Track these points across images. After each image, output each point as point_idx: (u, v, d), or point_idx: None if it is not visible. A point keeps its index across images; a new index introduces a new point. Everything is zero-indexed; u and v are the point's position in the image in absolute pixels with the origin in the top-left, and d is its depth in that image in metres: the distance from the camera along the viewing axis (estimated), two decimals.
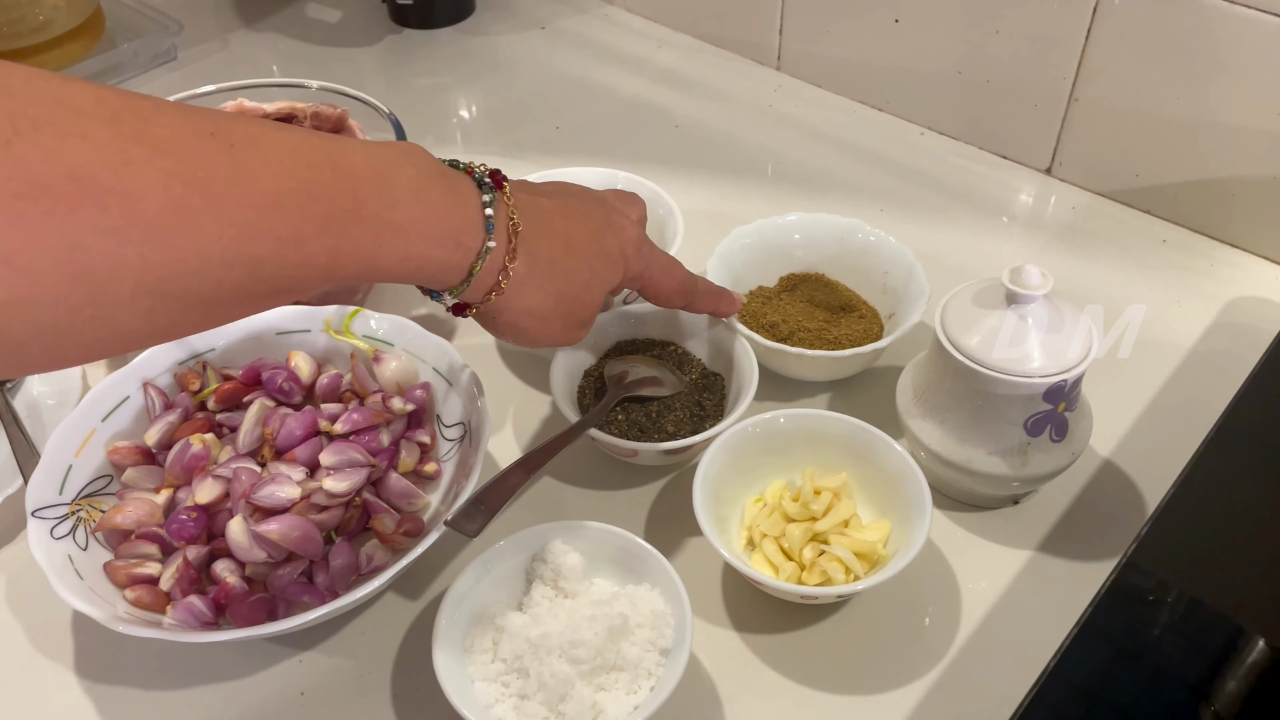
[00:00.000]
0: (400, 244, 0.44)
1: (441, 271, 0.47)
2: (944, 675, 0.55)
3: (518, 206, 0.49)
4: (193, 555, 0.55)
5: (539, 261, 0.50)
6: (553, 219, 0.51)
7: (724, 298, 0.64)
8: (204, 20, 1.09)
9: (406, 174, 0.44)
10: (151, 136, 0.35)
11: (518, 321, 0.52)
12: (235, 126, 0.38)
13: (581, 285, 0.53)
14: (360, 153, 0.43)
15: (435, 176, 0.46)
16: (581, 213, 0.53)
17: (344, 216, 0.41)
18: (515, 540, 0.55)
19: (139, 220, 0.34)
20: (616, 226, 0.55)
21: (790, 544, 0.57)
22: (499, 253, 0.48)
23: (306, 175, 0.40)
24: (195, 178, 0.36)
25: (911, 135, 0.92)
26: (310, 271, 0.41)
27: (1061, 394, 0.57)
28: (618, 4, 1.10)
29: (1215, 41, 0.73)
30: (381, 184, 0.43)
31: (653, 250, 0.58)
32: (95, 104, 0.34)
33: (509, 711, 0.50)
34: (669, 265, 0.59)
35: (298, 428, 0.59)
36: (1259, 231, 0.78)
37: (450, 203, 0.46)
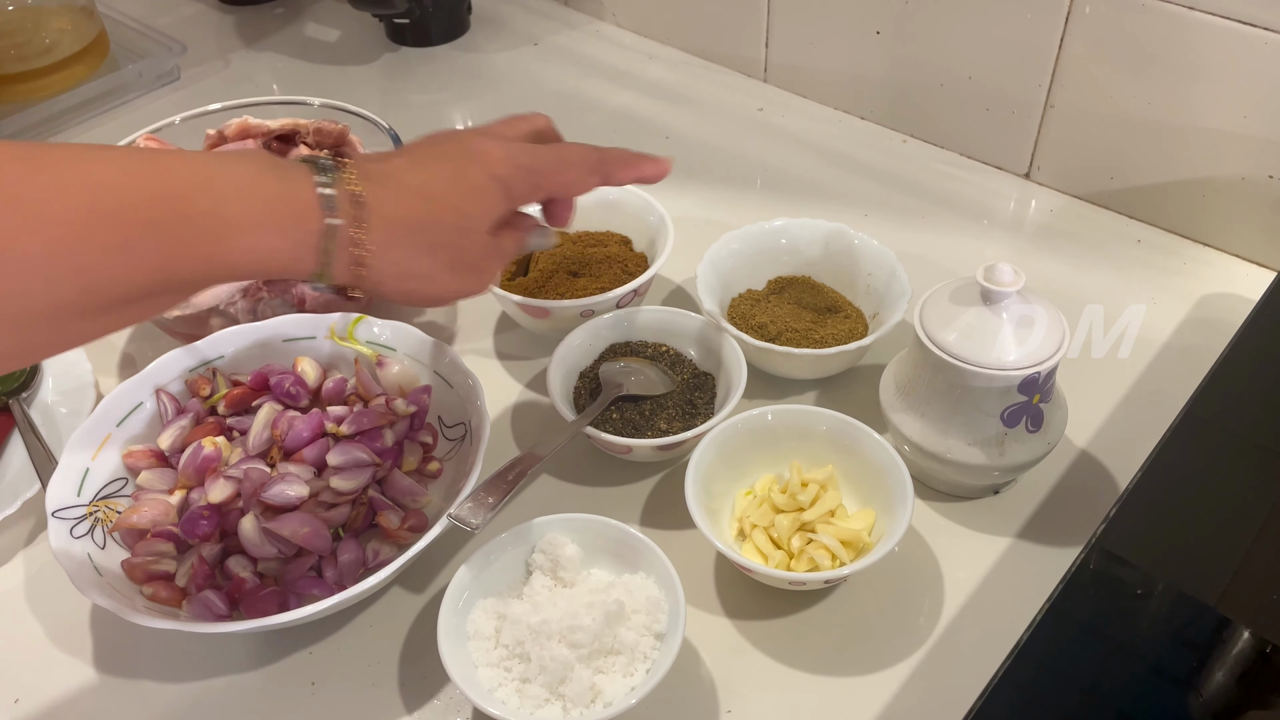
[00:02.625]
0: (239, 239, 0.44)
1: (293, 260, 0.46)
2: (927, 657, 0.57)
3: (362, 176, 0.48)
4: (207, 552, 0.57)
5: (396, 223, 0.49)
6: (403, 176, 0.50)
7: (645, 160, 0.60)
8: (206, 41, 1.12)
9: (235, 171, 0.45)
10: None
11: (402, 286, 0.50)
12: (51, 152, 0.40)
13: (453, 229, 0.51)
14: (186, 159, 0.44)
15: (266, 170, 0.46)
16: (433, 157, 0.52)
17: (171, 219, 0.42)
18: (515, 533, 0.57)
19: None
20: (478, 154, 0.52)
21: (779, 533, 0.60)
22: (346, 227, 0.47)
23: (126, 183, 0.41)
24: (5, 199, 0.37)
25: (894, 143, 0.95)
26: (145, 277, 0.41)
27: (1036, 386, 0.59)
28: (608, 20, 1.13)
29: (1184, 48, 0.75)
30: (208, 184, 0.43)
31: (533, 154, 0.54)
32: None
33: (511, 695, 0.52)
34: (559, 156, 0.55)
35: (305, 429, 0.61)
36: (1229, 230, 0.81)
37: (284, 189, 0.46)
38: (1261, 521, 0.56)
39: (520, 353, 0.76)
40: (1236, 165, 0.77)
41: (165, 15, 1.16)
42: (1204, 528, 0.56)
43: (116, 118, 1.01)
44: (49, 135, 0.99)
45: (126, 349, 0.77)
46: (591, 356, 0.70)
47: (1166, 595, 0.54)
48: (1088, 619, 0.52)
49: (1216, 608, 0.52)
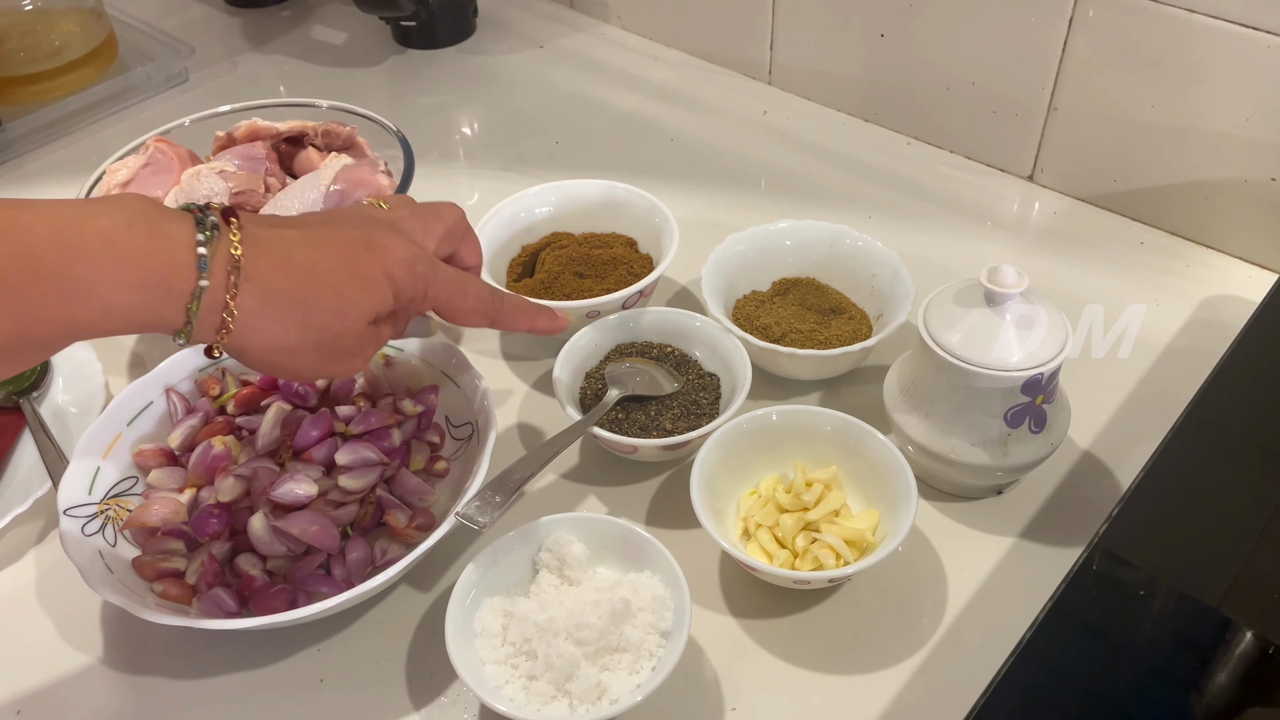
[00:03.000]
0: (92, 298, 0.43)
1: (155, 318, 0.45)
2: (930, 655, 0.58)
3: (247, 240, 0.47)
4: (216, 550, 0.58)
5: (270, 294, 0.47)
6: (293, 249, 0.49)
7: (541, 313, 0.61)
8: (213, 43, 1.13)
9: (98, 225, 0.43)
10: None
11: (265, 357, 0.49)
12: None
13: (330, 314, 0.49)
14: (43, 212, 0.43)
15: (137, 223, 0.44)
16: (331, 238, 0.50)
17: (18, 279, 0.41)
18: (522, 532, 0.58)
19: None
20: (379, 248, 0.51)
21: (783, 533, 0.60)
22: (217, 290, 0.46)
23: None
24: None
25: (898, 145, 0.95)
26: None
27: (1039, 387, 0.60)
28: (614, 23, 1.13)
29: (1186, 51, 0.76)
30: (61, 240, 0.42)
31: (435, 269, 0.53)
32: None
33: (518, 691, 0.53)
34: (460, 283, 0.55)
35: (314, 429, 0.62)
36: (1232, 232, 0.81)
37: (152, 246, 0.44)
38: (1264, 523, 0.57)
39: (526, 353, 0.76)
40: (1238, 168, 0.78)
41: (173, 17, 1.17)
42: (1206, 528, 0.56)
43: (125, 119, 1.02)
44: (59, 136, 0.99)
45: (136, 349, 0.78)
46: (598, 357, 0.70)
47: (1168, 596, 0.54)
48: (1089, 619, 0.53)
49: (1219, 608, 0.52)
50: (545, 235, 0.80)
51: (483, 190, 0.94)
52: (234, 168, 0.72)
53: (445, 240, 0.57)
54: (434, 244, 0.55)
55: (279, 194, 0.71)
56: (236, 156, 0.73)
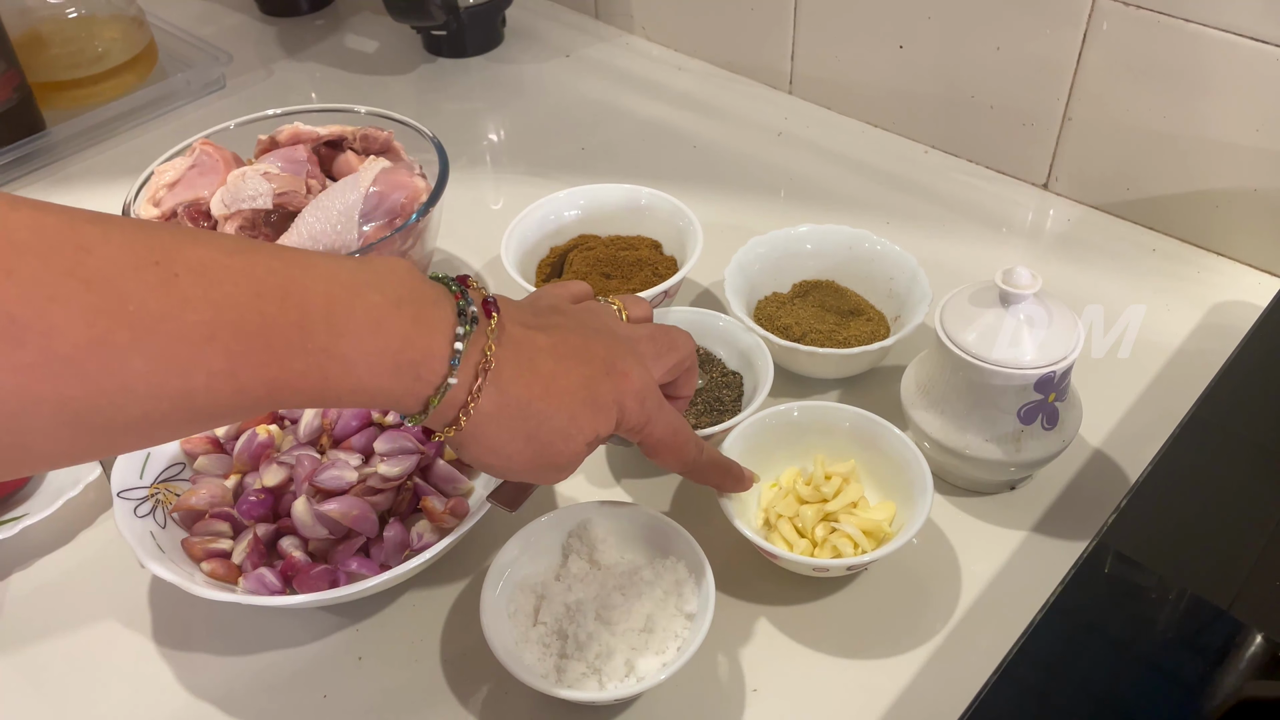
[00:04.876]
0: (348, 377, 0.42)
1: (397, 401, 0.45)
2: (944, 643, 0.60)
3: (502, 340, 0.46)
4: (261, 532, 0.61)
5: (509, 402, 0.47)
6: (539, 359, 0.48)
7: (732, 473, 0.60)
8: (249, 51, 1.16)
9: (370, 301, 0.42)
10: (85, 270, 0.34)
11: (482, 457, 0.49)
12: (186, 253, 0.37)
13: (557, 433, 0.48)
14: (323, 278, 0.41)
15: (405, 304, 0.43)
16: (578, 354, 0.49)
17: (286, 349, 0.39)
18: (553, 517, 0.60)
19: (56, 357, 0.34)
20: (618, 374, 0.50)
21: (803, 523, 0.63)
22: (461, 390, 0.45)
23: (251, 305, 0.38)
24: (124, 312, 0.35)
25: (916, 153, 0.98)
26: (246, 402, 0.39)
27: (1051, 384, 0.62)
28: (638, 33, 1.16)
29: (1198, 63, 0.78)
30: (335, 314, 0.41)
31: (660, 407, 0.53)
32: (32, 235, 0.34)
33: (550, 669, 0.55)
34: (675, 428, 0.54)
35: (353, 419, 0.65)
36: (1242, 240, 0.83)
37: (414, 333, 0.43)
38: (1267, 522, 0.58)
39: None
40: (1249, 177, 0.80)
41: (210, 25, 1.20)
42: (1207, 527, 0.58)
43: (165, 124, 1.05)
44: (101, 140, 1.03)
45: None
46: None
47: (1170, 593, 0.56)
48: (1089, 617, 0.54)
49: (1222, 606, 0.54)
50: (573, 237, 0.83)
51: (509, 195, 0.97)
52: (277, 169, 0.75)
53: (672, 371, 0.55)
54: (661, 373, 0.54)
55: (320, 195, 0.74)
56: (279, 159, 0.76)
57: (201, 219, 0.74)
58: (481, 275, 0.87)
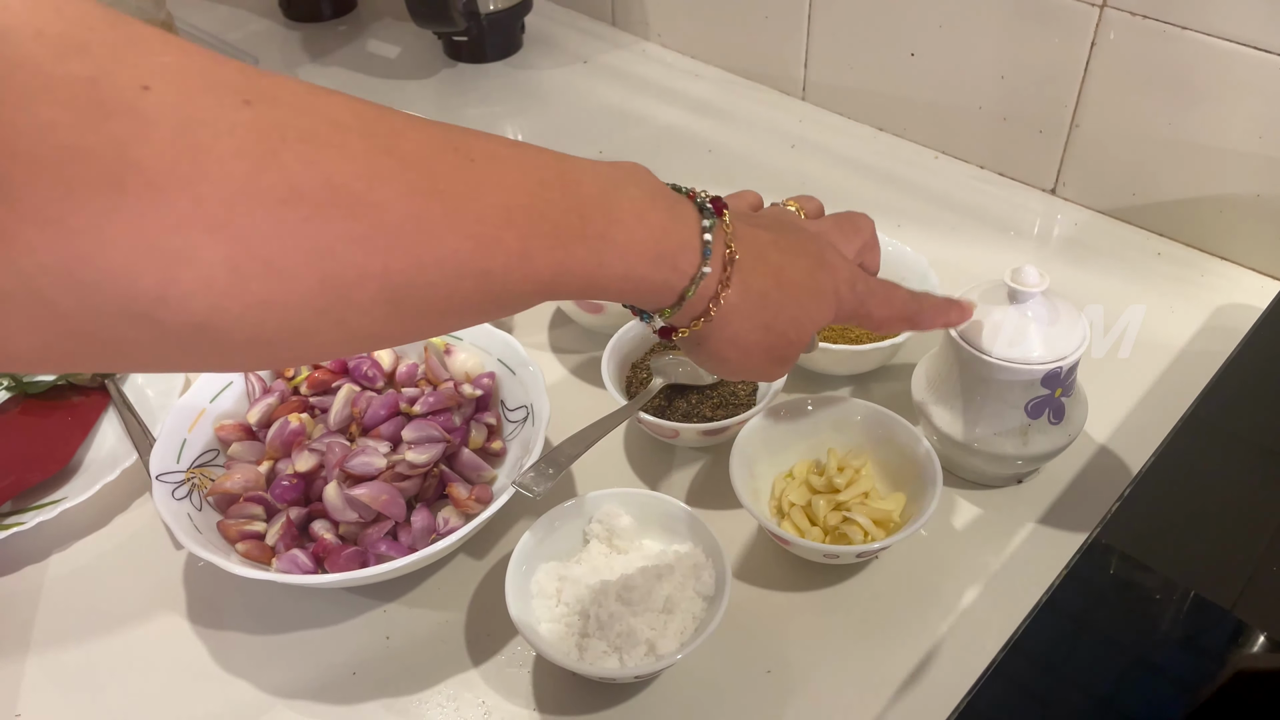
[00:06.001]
0: (620, 263, 0.44)
1: (656, 292, 0.46)
2: (950, 631, 0.62)
3: (735, 235, 0.48)
4: (294, 515, 0.63)
5: (751, 292, 0.49)
6: (768, 251, 0.50)
7: (953, 308, 0.62)
8: (274, 55, 1.19)
9: (630, 194, 0.44)
10: (400, 150, 0.36)
11: (721, 350, 0.50)
12: (475, 143, 0.39)
13: (790, 322, 0.51)
14: (589, 171, 0.43)
15: (658, 198, 0.46)
16: (796, 248, 0.52)
17: (570, 234, 0.41)
18: (574, 504, 0.63)
19: (384, 230, 0.35)
20: (830, 265, 0.53)
21: (815, 512, 0.65)
22: (713, 279, 0.47)
23: (538, 192, 0.40)
24: (437, 190, 0.36)
25: (927, 159, 1.00)
26: (533, 287, 0.41)
27: (1058, 380, 0.64)
28: (654, 40, 1.19)
29: (1201, 72, 0.80)
30: (607, 203, 0.43)
31: (868, 284, 0.55)
32: (352, 117, 0.35)
33: (572, 648, 0.57)
34: (887, 294, 0.57)
35: (382, 408, 0.67)
36: (1244, 244, 0.85)
37: (670, 225, 0.45)
38: (1265, 520, 0.60)
39: (573, 347, 0.81)
40: (1252, 183, 0.82)
41: (236, 30, 1.23)
42: (1202, 524, 0.59)
43: None
44: None
45: None
46: (643, 349, 0.75)
47: (1163, 588, 0.57)
48: (1083, 611, 0.56)
49: (1212, 599, 0.55)
50: None
51: None
52: None
53: (860, 253, 0.58)
54: (851, 256, 0.57)
55: None
56: None
57: None
58: None
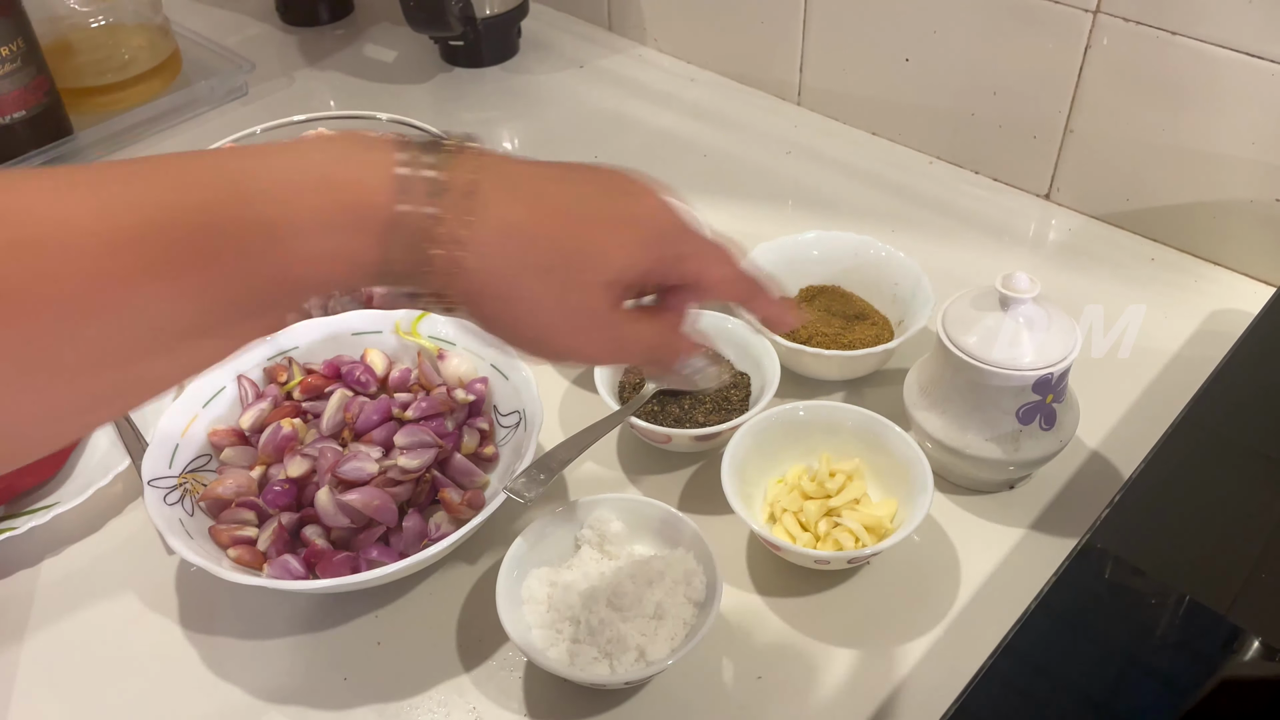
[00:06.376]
0: (303, 243, 0.36)
1: (356, 260, 0.38)
2: (943, 636, 0.62)
3: (486, 166, 0.40)
4: (286, 520, 0.63)
5: (510, 229, 0.40)
6: (536, 181, 0.42)
7: (788, 306, 0.54)
8: (271, 59, 1.19)
9: (303, 164, 0.37)
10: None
11: (503, 312, 0.41)
12: (78, 174, 0.35)
13: (582, 258, 0.41)
14: (243, 156, 0.38)
15: (351, 155, 0.38)
16: (581, 177, 0.44)
17: (224, 232, 0.35)
18: (565, 510, 0.63)
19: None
20: (634, 193, 0.44)
21: (807, 518, 0.65)
22: (448, 220, 0.38)
23: (169, 195, 0.35)
24: (22, 221, 0.33)
25: (921, 163, 1.00)
26: (207, 304, 0.36)
27: (1049, 386, 0.64)
28: (651, 45, 1.19)
29: (1196, 79, 0.80)
30: (267, 182, 0.37)
31: (695, 228, 0.46)
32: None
33: (563, 654, 0.57)
34: (720, 252, 0.48)
35: (374, 413, 0.67)
36: (1239, 250, 0.85)
37: (359, 176, 0.37)
38: (1253, 520, 0.60)
39: None
40: (1245, 189, 0.82)
41: (234, 35, 1.23)
42: (1194, 527, 0.59)
43: (189, 130, 1.08)
44: (127, 145, 1.06)
45: None
46: None
47: (1155, 591, 0.57)
48: (1075, 614, 0.56)
49: (1205, 602, 0.55)
50: None
51: None
52: None
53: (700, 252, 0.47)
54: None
55: None
56: None
57: None
58: None
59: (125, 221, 0.34)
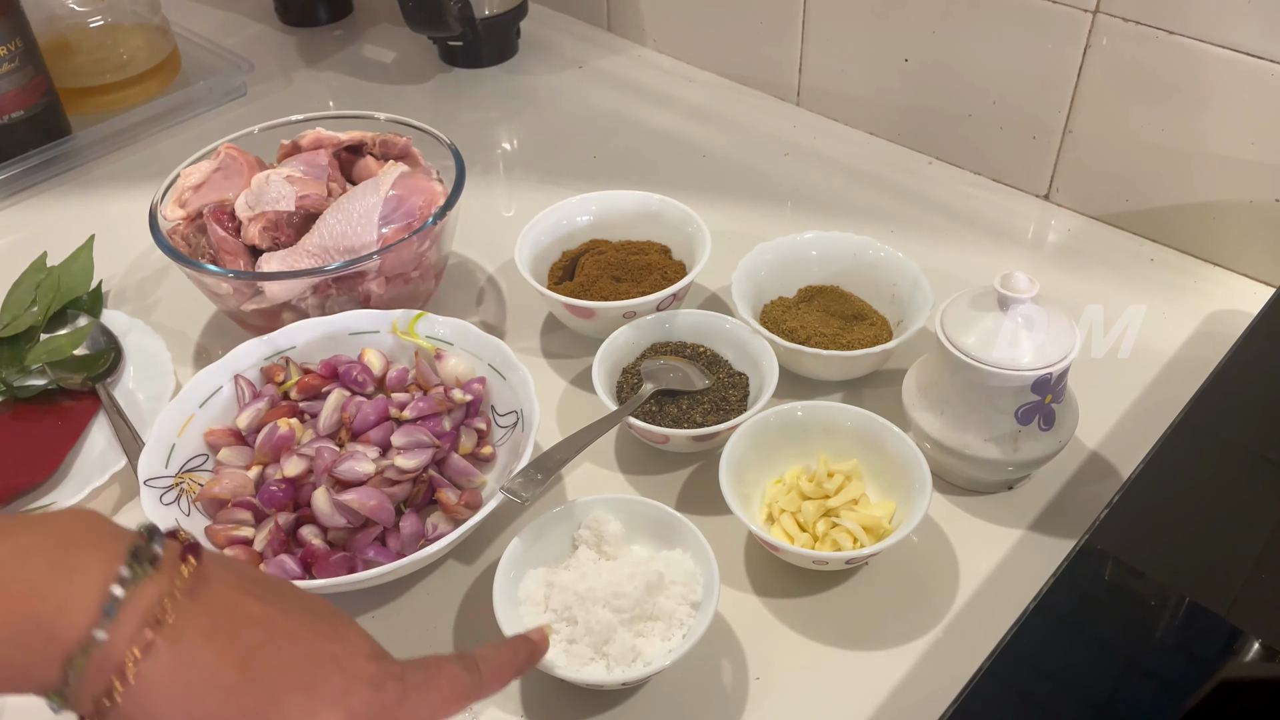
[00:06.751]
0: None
1: (21, 674, 0.36)
2: (941, 636, 0.62)
3: (196, 593, 0.37)
4: (282, 521, 0.63)
5: (193, 669, 0.37)
6: (245, 625, 0.39)
7: (520, 654, 0.51)
8: (269, 60, 1.19)
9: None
10: None
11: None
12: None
13: (253, 717, 0.37)
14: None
15: (49, 550, 0.36)
16: (302, 629, 0.40)
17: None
18: (563, 510, 0.62)
19: None
20: (355, 670, 0.41)
21: (805, 518, 0.65)
22: (117, 647, 0.36)
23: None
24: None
25: (920, 164, 1.00)
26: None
27: (1048, 386, 0.64)
28: (649, 45, 1.19)
29: (1195, 79, 0.80)
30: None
31: (404, 689, 0.42)
32: None
33: (559, 654, 0.57)
34: (429, 677, 0.44)
35: (371, 413, 0.67)
36: (1237, 250, 0.85)
37: (49, 580, 0.35)
38: (1252, 521, 0.60)
39: (565, 352, 0.81)
40: (1244, 190, 0.82)
41: (232, 35, 1.23)
42: (1193, 529, 0.59)
43: (187, 130, 1.08)
44: (125, 145, 1.05)
45: (201, 341, 0.83)
46: (634, 354, 0.75)
47: (1154, 593, 0.57)
48: (1073, 616, 0.56)
49: (1203, 604, 0.55)
50: (584, 242, 0.85)
51: (522, 201, 0.99)
52: (300, 173, 0.78)
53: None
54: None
55: (341, 198, 0.76)
56: (302, 163, 0.79)
57: (227, 220, 0.77)
58: (493, 280, 0.89)
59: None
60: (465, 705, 0.46)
